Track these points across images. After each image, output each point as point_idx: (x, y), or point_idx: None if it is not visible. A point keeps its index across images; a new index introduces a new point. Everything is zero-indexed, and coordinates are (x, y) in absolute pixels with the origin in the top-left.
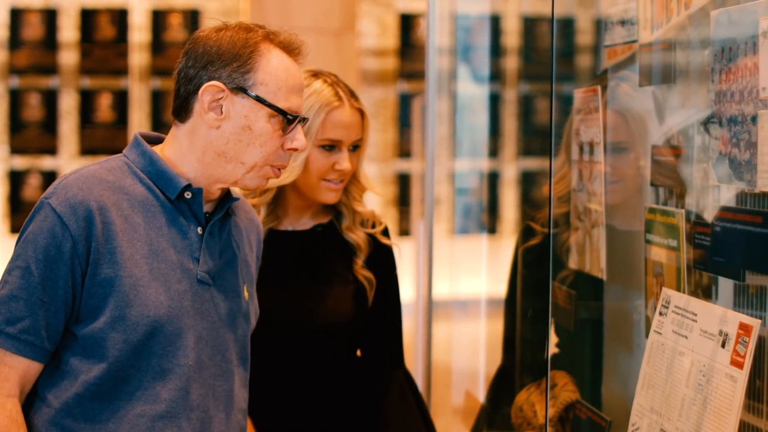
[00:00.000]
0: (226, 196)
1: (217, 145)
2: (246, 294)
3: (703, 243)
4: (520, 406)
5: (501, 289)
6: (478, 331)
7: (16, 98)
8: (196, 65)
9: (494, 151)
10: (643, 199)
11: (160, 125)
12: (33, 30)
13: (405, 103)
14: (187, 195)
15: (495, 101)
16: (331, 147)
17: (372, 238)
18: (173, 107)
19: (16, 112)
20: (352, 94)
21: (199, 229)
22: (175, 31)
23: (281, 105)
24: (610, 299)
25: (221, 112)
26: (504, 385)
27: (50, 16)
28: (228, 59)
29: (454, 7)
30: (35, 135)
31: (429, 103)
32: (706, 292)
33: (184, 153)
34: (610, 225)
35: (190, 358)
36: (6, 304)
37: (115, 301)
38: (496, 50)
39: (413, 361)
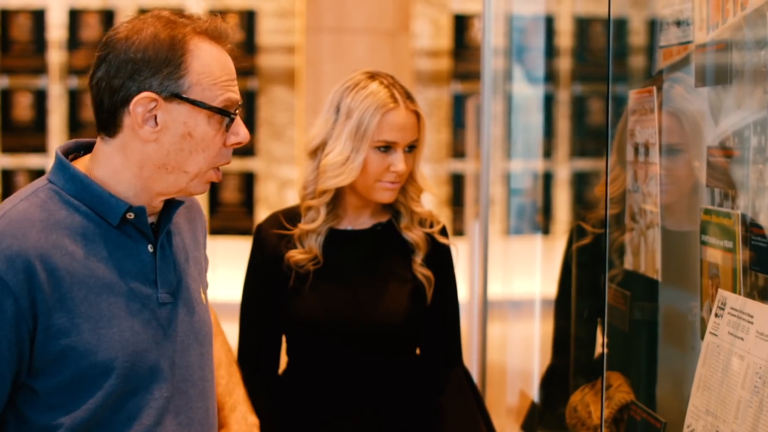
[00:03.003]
0: (169, 202)
1: (157, 158)
2: (203, 297)
3: (759, 244)
4: (574, 407)
5: (554, 290)
6: (531, 332)
7: (75, 99)
8: (119, 75)
9: (548, 152)
10: (698, 201)
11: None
12: (91, 30)
13: (459, 103)
14: (130, 216)
15: (549, 102)
16: (386, 148)
17: (430, 237)
18: (97, 121)
19: (74, 112)
20: (408, 96)
21: (150, 247)
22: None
23: (219, 103)
24: (665, 300)
25: (156, 124)
26: (553, 385)
27: (108, 17)
28: (157, 65)
29: (509, 7)
30: (94, 135)
31: (484, 104)
32: (762, 294)
33: (118, 170)
34: (665, 226)
35: (164, 389)
36: None
37: (77, 351)
38: (550, 51)
39: (468, 361)
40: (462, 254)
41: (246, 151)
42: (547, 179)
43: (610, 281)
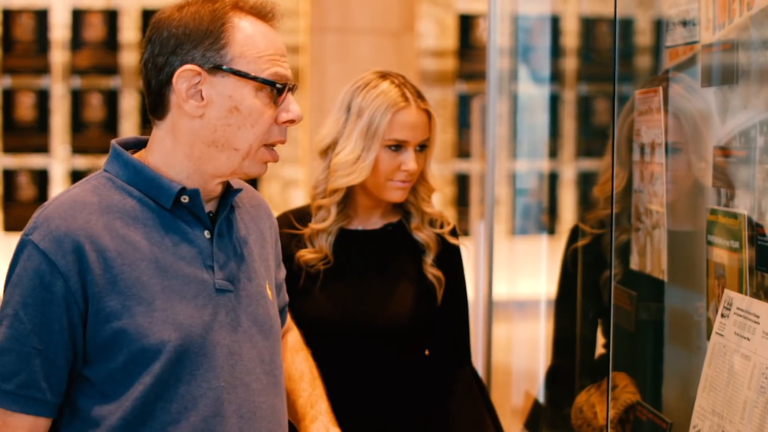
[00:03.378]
0: (227, 189)
1: (205, 135)
2: (270, 293)
3: (765, 244)
4: (580, 408)
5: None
6: (537, 332)
7: (77, 99)
8: (163, 51)
9: (554, 152)
10: (703, 201)
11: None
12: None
13: (464, 103)
14: (184, 199)
15: (555, 102)
16: (397, 147)
17: (440, 238)
18: (148, 104)
19: (77, 112)
20: (419, 95)
21: (207, 233)
22: None
23: (266, 75)
24: (671, 301)
25: (202, 98)
26: (554, 386)
27: (112, 17)
28: (198, 37)
29: (515, 7)
30: (97, 135)
31: (490, 104)
32: None
33: (170, 153)
34: (671, 227)
35: (221, 379)
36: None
37: (129, 334)
38: (556, 51)
39: (473, 362)
40: (467, 254)
41: None
42: (553, 179)
43: (607, 281)
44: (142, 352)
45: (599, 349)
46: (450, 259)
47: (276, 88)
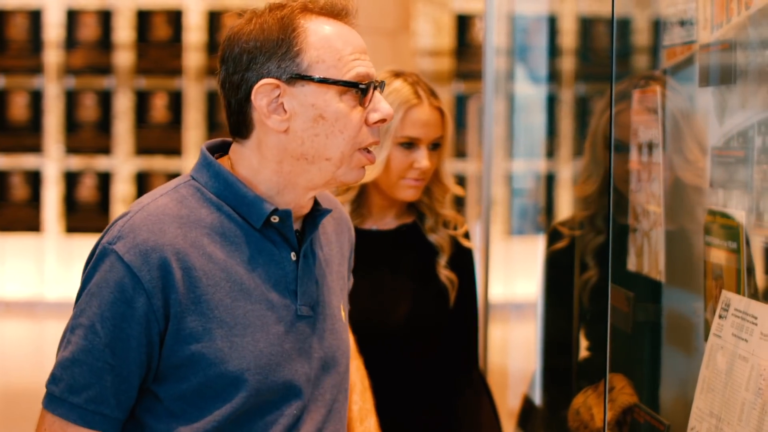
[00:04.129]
0: (315, 207)
1: (293, 149)
2: (343, 314)
3: (763, 245)
4: (576, 410)
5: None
6: (534, 334)
7: (71, 99)
8: (237, 69)
9: (551, 152)
10: (702, 201)
11: (215, 126)
12: (89, 30)
13: (461, 103)
14: (274, 219)
15: (552, 102)
16: (409, 145)
17: (454, 240)
18: (229, 126)
19: (71, 112)
20: (432, 93)
21: (293, 255)
22: None
23: (348, 77)
24: (668, 302)
25: (284, 111)
26: (544, 388)
27: (106, 17)
28: (270, 48)
29: (512, 7)
30: (90, 135)
31: (486, 104)
32: (767, 295)
33: (257, 170)
34: (669, 227)
35: (295, 406)
36: (69, 369)
37: (207, 358)
38: (553, 50)
39: None
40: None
41: None
42: (550, 179)
43: (584, 283)
44: (219, 377)
45: (583, 352)
46: (463, 262)
47: (360, 89)
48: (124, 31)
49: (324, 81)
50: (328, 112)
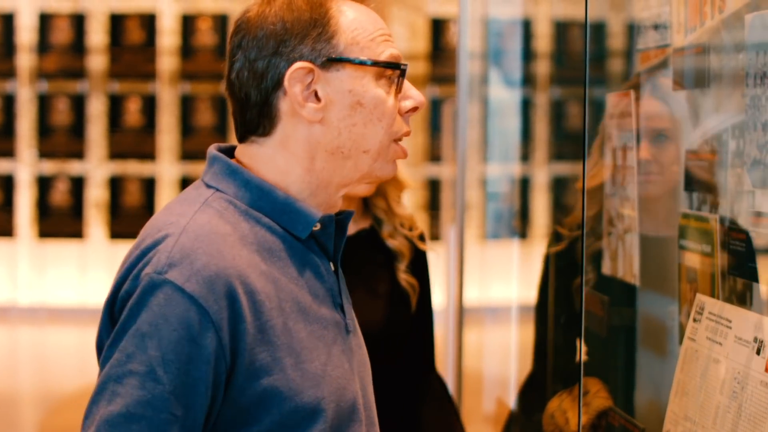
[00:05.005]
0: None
1: (328, 142)
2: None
3: (737, 249)
4: (551, 414)
5: (532, 295)
6: (509, 338)
7: (44, 103)
8: (263, 54)
9: (525, 156)
10: (676, 204)
11: (189, 130)
12: (62, 34)
13: (436, 107)
14: (316, 227)
15: (526, 105)
16: None
17: (411, 244)
18: (243, 124)
19: (44, 116)
20: None
21: (332, 265)
22: (204, 35)
23: (384, 58)
24: (643, 305)
25: (318, 99)
26: (534, 392)
27: (79, 21)
28: (303, 30)
29: (486, 11)
30: (64, 140)
31: (460, 108)
32: (741, 299)
33: (285, 171)
34: (643, 231)
35: (364, 425)
36: (122, 427)
37: (281, 392)
38: (528, 54)
39: (444, 368)
40: (438, 259)
41: None
42: (525, 183)
43: (586, 285)
44: (294, 412)
45: (583, 356)
46: (420, 265)
47: (401, 70)
48: (97, 35)
49: (362, 63)
50: (367, 98)
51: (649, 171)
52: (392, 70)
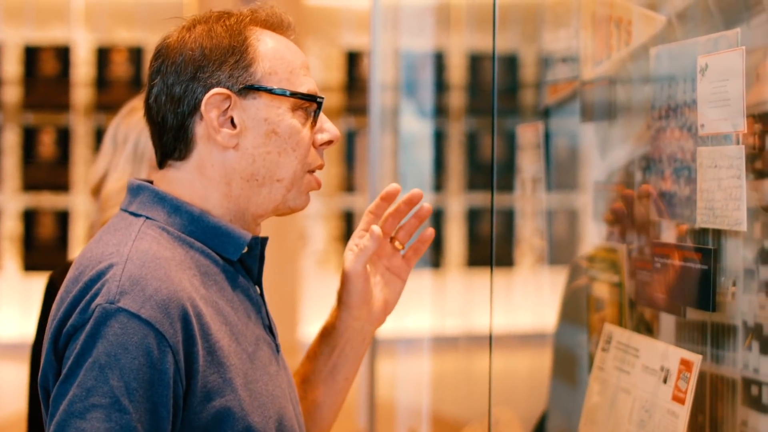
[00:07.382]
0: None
1: (242, 168)
2: None
3: (644, 279)
4: None
5: (445, 325)
6: (422, 368)
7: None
8: (180, 80)
9: (438, 186)
10: (585, 235)
11: None
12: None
13: (351, 138)
14: (244, 250)
15: (439, 136)
16: None
17: None
18: (161, 147)
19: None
20: None
21: (257, 287)
22: (119, 67)
23: (303, 90)
24: (555, 335)
25: (233, 125)
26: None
27: None
28: (220, 56)
29: (398, 43)
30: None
31: (372, 139)
32: (648, 328)
33: (204, 196)
34: (554, 261)
35: None
36: None
37: (233, 413)
38: (441, 86)
39: (357, 398)
40: None
41: None
42: (438, 214)
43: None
44: (246, 431)
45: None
46: None
47: (317, 104)
48: (11, 66)
49: (280, 93)
50: (282, 127)
51: None
52: (309, 102)
